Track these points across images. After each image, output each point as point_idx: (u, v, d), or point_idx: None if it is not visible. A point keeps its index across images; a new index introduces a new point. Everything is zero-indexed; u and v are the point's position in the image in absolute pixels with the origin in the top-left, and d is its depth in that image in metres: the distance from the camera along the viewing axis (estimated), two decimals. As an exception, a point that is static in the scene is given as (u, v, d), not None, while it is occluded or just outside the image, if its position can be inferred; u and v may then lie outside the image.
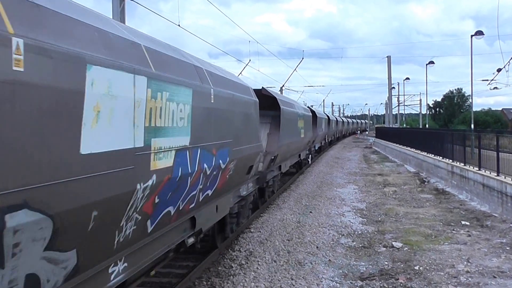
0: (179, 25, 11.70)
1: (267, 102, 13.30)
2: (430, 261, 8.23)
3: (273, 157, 12.59)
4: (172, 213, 5.18)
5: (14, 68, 2.62)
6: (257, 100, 9.78)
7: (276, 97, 13.68)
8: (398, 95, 58.68)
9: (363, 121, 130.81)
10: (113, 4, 8.81)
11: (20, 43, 2.67)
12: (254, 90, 13.55)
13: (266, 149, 12.13)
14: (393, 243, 9.50)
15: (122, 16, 8.80)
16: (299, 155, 20.03)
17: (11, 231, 2.60)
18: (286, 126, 14.00)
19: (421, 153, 23.34)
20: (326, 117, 36.22)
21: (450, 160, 17.88)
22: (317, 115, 27.02)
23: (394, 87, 53.00)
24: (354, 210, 13.20)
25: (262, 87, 13.89)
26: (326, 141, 38.83)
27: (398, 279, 7.38)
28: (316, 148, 29.74)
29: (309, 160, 25.20)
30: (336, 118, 52.14)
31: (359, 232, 10.54)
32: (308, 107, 27.06)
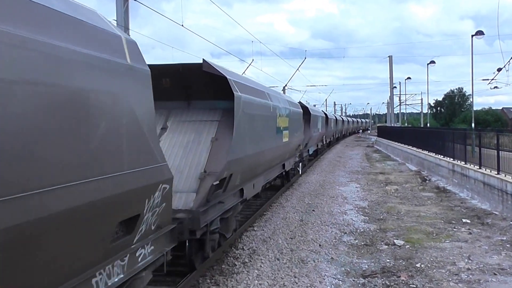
0: (182, 25, 11.77)
1: (216, 86, 8.12)
2: (432, 259, 8.32)
3: (219, 181, 7.27)
4: None
5: None
6: (146, 69, 4.76)
7: (228, 77, 7.84)
8: (400, 94, 58.73)
9: (365, 120, 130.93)
10: (117, 4, 8.91)
11: None
12: (192, 63, 8.03)
13: (205, 167, 7.27)
14: (395, 241, 9.60)
15: (126, 16, 8.91)
16: (283, 165, 14.19)
17: None
18: (248, 125, 8.49)
19: (423, 151, 23.44)
20: (324, 115, 31.42)
21: (451, 159, 17.98)
22: (311, 112, 22.33)
23: (395, 87, 53.10)
24: (356, 209, 13.30)
25: (203, 60, 7.86)
26: (324, 142, 33.41)
27: (400, 276, 7.46)
28: (311, 152, 24.59)
29: (300, 169, 19.57)
30: (335, 117, 47.34)
31: (361, 230, 10.65)
32: (299, 102, 21.37)
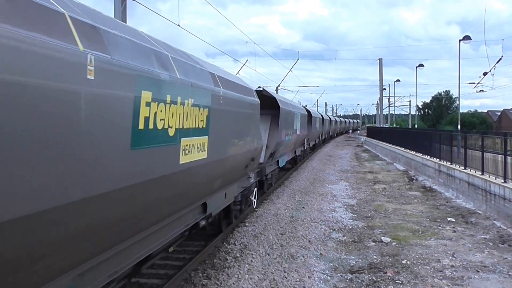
0: (179, 25, 11.85)
1: None
2: (417, 256, 8.49)
3: None
4: None
5: None
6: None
7: None
8: (389, 96, 59.37)
9: (355, 120, 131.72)
10: (115, 4, 8.98)
11: None
12: None
13: None
14: (382, 238, 9.79)
15: (123, 15, 9.00)
16: (204, 207, 7.17)
17: None
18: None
19: (410, 152, 23.77)
20: (305, 112, 23.83)
21: (438, 159, 18.29)
22: (281, 105, 14.30)
23: (385, 89, 53.59)
24: (345, 206, 13.50)
25: None
26: (306, 147, 26.06)
27: (386, 272, 7.61)
28: (283, 164, 17.29)
29: (254, 199, 11.43)
30: (321, 115, 39.35)
31: (350, 227, 10.84)
32: (261, 90, 14.00)
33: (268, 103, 13.32)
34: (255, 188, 11.43)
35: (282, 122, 14.25)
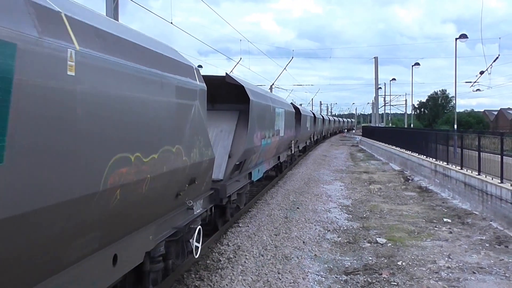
0: (171, 23, 11.69)
1: None
2: (413, 257, 8.44)
3: None
4: None
5: None
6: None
7: None
8: (385, 95, 59.51)
9: (349, 120, 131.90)
10: (106, 1, 8.84)
11: None
12: None
13: None
14: (377, 239, 9.72)
15: (115, 13, 8.85)
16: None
17: None
18: None
19: (406, 152, 23.73)
20: (292, 110, 19.87)
21: (434, 159, 18.24)
22: (252, 97, 10.26)
23: (380, 87, 53.66)
24: (340, 207, 13.42)
25: None
26: (293, 151, 22.06)
27: (381, 274, 7.56)
28: (258, 177, 13.35)
29: (198, 241, 6.73)
30: (313, 114, 35.08)
31: (345, 228, 10.75)
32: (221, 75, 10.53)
33: (235, 95, 9.98)
34: (199, 227, 6.80)
35: (254, 120, 10.51)
